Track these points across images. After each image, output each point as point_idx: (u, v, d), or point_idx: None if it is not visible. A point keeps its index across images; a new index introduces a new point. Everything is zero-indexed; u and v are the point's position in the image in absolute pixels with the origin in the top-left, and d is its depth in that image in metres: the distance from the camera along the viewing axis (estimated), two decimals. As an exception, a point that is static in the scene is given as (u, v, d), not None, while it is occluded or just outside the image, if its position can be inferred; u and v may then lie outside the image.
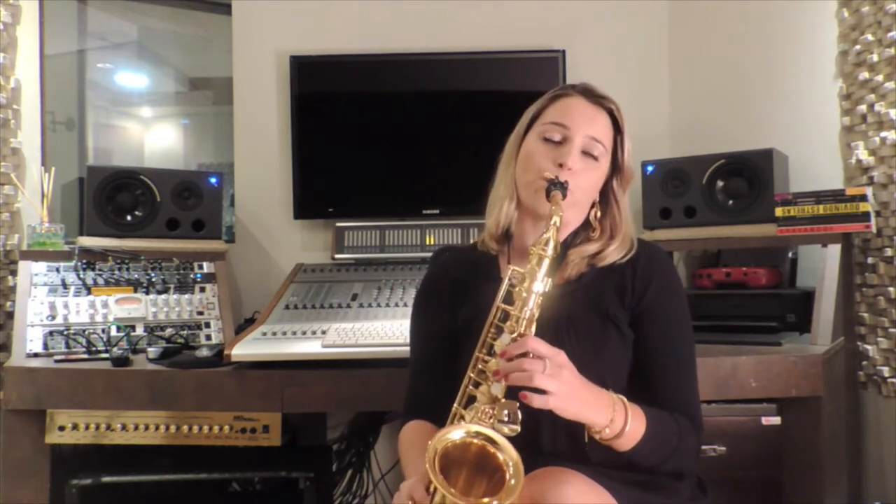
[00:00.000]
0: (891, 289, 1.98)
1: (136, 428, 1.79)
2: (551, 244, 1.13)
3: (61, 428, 1.79)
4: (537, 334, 1.12)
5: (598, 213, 1.30)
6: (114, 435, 1.80)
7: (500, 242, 1.34)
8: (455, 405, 1.14)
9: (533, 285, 1.11)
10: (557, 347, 1.09)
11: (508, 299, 1.15)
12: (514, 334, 1.10)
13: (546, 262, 1.13)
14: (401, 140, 2.56)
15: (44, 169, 2.29)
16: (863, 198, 1.93)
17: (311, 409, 1.88)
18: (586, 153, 1.26)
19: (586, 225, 1.31)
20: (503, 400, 1.07)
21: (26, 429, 1.80)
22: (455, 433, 1.04)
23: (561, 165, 1.22)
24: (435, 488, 1.05)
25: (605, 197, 1.30)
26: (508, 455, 1.02)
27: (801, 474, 1.76)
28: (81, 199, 2.40)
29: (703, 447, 1.74)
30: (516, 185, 1.29)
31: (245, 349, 1.78)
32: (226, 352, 1.77)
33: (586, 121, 1.26)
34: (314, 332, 1.86)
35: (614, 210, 1.29)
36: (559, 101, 1.30)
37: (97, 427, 1.79)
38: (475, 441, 1.04)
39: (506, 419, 1.06)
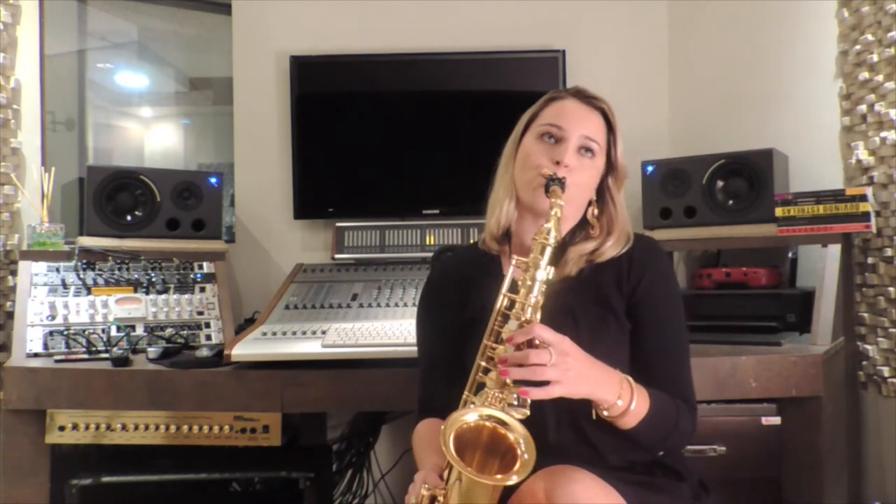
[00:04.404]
0: (891, 289, 1.98)
1: (136, 428, 1.79)
2: (553, 234, 1.17)
3: (61, 428, 1.79)
4: None
5: (596, 211, 1.34)
6: (114, 435, 1.80)
7: (501, 242, 1.38)
8: (465, 392, 1.18)
9: (536, 273, 1.16)
10: None
11: (513, 290, 1.20)
12: (521, 321, 1.15)
13: (549, 251, 1.17)
14: (401, 140, 2.56)
15: (44, 169, 2.29)
16: (863, 198, 1.93)
17: (311, 409, 1.89)
18: (581, 151, 1.30)
19: (584, 223, 1.35)
20: (511, 384, 1.12)
21: (26, 429, 1.80)
22: (469, 415, 1.09)
23: (558, 163, 1.27)
24: (449, 470, 1.11)
25: (602, 195, 1.35)
26: (518, 434, 1.08)
27: (801, 474, 1.76)
28: (81, 199, 2.40)
29: (703, 447, 1.74)
30: (515, 185, 1.33)
31: (245, 349, 1.78)
32: (226, 352, 1.77)
33: (580, 121, 1.31)
34: (314, 332, 1.86)
35: (610, 207, 1.34)
36: (554, 104, 1.35)
37: (97, 427, 1.79)
38: (487, 424, 1.09)
39: (515, 403, 1.11)
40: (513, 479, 1.05)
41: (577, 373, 1.11)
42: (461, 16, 2.61)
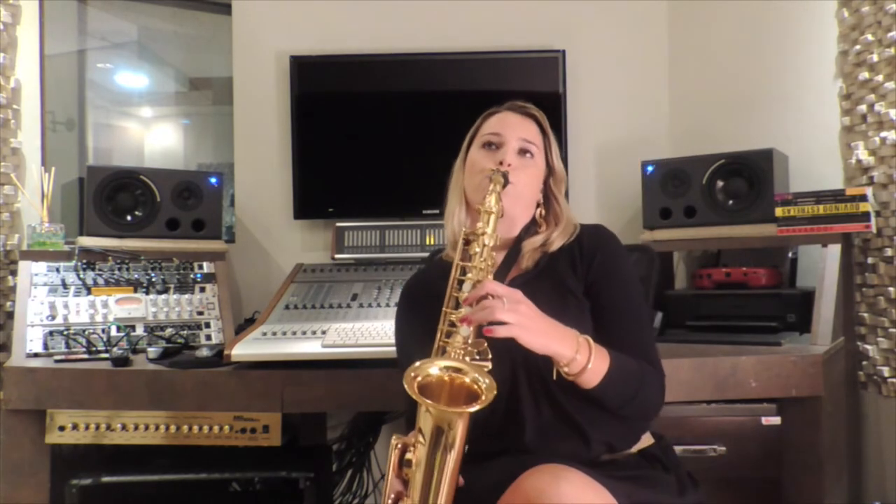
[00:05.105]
0: (891, 289, 1.98)
1: (136, 428, 1.79)
2: (494, 205, 1.28)
3: (61, 428, 1.79)
4: None
5: (543, 212, 1.46)
6: (114, 435, 1.80)
7: None
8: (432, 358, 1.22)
9: (484, 239, 1.27)
10: None
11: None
12: (474, 283, 1.23)
13: (493, 218, 1.28)
14: (401, 140, 2.56)
15: (44, 169, 2.29)
16: (863, 198, 1.93)
17: (311, 409, 1.88)
18: (521, 153, 1.42)
19: (534, 223, 1.45)
20: (472, 340, 1.18)
21: (26, 429, 1.80)
22: (432, 368, 1.16)
23: (501, 163, 1.39)
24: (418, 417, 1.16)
25: (546, 197, 1.47)
26: (474, 373, 1.14)
27: (801, 474, 1.76)
28: (81, 199, 2.40)
29: (703, 447, 1.75)
30: (465, 192, 1.45)
31: (245, 349, 1.78)
32: (226, 352, 1.77)
33: (517, 127, 1.44)
34: (314, 332, 1.86)
35: (555, 205, 1.46)
36: (492, 118, 1.49)
37: (97, 427, 1.79)
38: (445, 377, 1.16)
39: (477, 357, 1.17)
40: (476, 406, 1.10)
41: (530, 320, 1.17)
42: (461, 16, 2.61)
